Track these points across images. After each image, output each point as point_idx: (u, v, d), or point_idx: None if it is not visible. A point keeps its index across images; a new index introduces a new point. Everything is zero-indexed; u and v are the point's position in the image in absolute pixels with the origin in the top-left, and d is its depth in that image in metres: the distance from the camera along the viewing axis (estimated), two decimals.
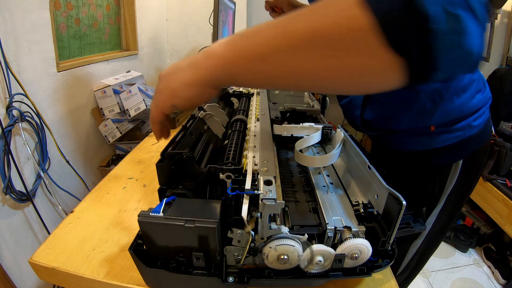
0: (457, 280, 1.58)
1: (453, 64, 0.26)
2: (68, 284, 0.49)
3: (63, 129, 1.36)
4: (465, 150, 0.64)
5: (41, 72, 1.21)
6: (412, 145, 0.66)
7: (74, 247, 0.52)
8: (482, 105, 0.63)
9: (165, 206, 0.39)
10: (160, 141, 0.46)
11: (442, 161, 0.66)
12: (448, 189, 0.67)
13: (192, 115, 0.64)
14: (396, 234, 0.39)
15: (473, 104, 0.61)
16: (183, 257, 0.40)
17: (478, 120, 0.62)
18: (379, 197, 0.42)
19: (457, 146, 0.63)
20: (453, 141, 0.62)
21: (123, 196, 0.67)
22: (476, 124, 0.62)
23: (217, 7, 1.28)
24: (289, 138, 0.68)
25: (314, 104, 0.89)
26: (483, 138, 0.65)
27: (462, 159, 0.64)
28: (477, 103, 0.61)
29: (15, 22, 1.07)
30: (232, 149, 0.53)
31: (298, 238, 0.38)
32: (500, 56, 2.55)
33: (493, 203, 1.53)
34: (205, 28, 2.30)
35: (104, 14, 1.70)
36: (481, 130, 0.63)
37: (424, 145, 0.64)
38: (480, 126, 0.63)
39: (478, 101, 0.61)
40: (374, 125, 0.71)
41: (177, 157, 0.44)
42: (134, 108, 1.56)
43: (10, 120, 1.04)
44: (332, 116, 1.47)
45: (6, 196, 1.05)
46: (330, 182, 0.54)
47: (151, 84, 2.05)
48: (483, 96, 0.63)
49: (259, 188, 0.39)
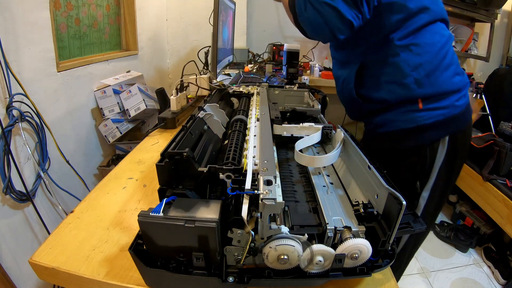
0: (457, 280, 1.58)
1: (313, 33, 0.70)
2: (68, 284, 0.49)
3: (63, 129, 1.36)
4: (451, 127, 0.74)
5: (41, 72, 1.21)
6: (403, 124, 0.74)
7: (74, 247, 0.52)
8: (462, 86, 0.74)
9: (165, 206, 0.39)
10: (160, 141, 0.46)
11: (430, 137, 0.74)
12: (438, 163, 0.75)
13: (192, 115, 0.64)
14: (396, 234, 0.39)
15: (454, 83, 0.72)
16: (183, 257, 0.40)
17: (460, 101, 0.73)
18: (379, 197, 0.42)
19: (443, 123, 0.72)
20: (440, 118, 0.72)
21: (123, 196, 0.67)
22: (459, 104, 0.73)
23: (217, 7, 1.28)
24: (289, 138, 0.68)
25: (314, 104, 0.89)
26: (466, 119, 0.77)
27: (448, 136, 0.74)
28: (458, 83, 0.73)
29: (15, 22, 1.07)
30: (232, 149, 0.53)
31: (298, 238, 0.38)
32: (500, 56, 2.55)
33: (493, 203, 1.53)
34: (205, 28, 2.30)
35: (104, 14, 1.70)
36: (463, 111, 0.74)
37: (414, 122, 0.73)
38: (462, 107, 0.74)
39: (458, 82, 0.73)
40: (367, 95, 0.78)
41: (177, 157, 0.44)
42: (134, 108, 1.56)
43: (10, 120, 1.04)
44: (332, 116, 1.47)
45: (6, 196, 1.05)
46: (330, 182, 0.54)
47: (151, 84, 2.05)
48: (462, 78, 0.75)
49: (259, 188, 0.39)
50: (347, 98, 0.84)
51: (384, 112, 0.77)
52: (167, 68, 2.53)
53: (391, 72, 0.72)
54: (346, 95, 0.83)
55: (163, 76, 2.47)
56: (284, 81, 1.40)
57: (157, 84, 2.26)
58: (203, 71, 1.42)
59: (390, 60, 0.72)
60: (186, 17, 2.41)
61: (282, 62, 1.99)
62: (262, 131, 0.60)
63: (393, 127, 0.76)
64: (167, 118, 1.01)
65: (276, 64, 2.06)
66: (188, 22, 2.42)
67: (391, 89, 0.73)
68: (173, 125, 1.02)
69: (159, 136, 0.98)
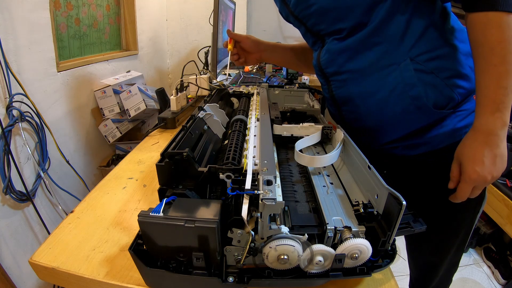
0: (457, 280, 1.58)
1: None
2: (68, 284, 0.49)
3: (63, 129, 1.36)
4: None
5: (41, 72, 1.21)
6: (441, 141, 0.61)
7: (74, 247, 0.52)
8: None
9: (165, 206, 0.39)
10: (160, 141, 0.46)
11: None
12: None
13: (192, 115, 0.64)
14: (396, 234, 0.39)
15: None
16: (183, 257, 0.40)
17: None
18: (379, 197, 0.42)
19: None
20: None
21: (123, 196, 0.67)
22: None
23: (217, 7, 1.28)
24: (289, 138, 0.68)
25: (314, 104, 0.89)
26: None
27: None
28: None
29: (15, 22, 1.07)
30: (232, 149, 0.53)
31: (298, 238, 0.38)
32: None
33: (493, 203, 1.52)
34: (205, 28, 2.30)
35: (104, 14, 1.70)
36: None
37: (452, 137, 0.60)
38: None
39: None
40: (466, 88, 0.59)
41: (177, 157, 0.44)
42: (134, 108, 1.56)
43: (10, 120, 1.04)
44: None
45: (6, 196, 1.05)
46: (330, 182, 0.54)
47: (151, 84, 2.05)
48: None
49: (259, 188, 0.39)
50: (401, 114, 0.60)
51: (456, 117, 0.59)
52: (167, 68, 2.53)
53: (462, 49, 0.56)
54: (400, 110, 0.60)
55: (163, 76, 2.47)
56: (284, 81, 1.41)
57: (157, 84, 2.27)
58: (203, 71, 1.42)
59: (457, 27, 0.56)
60: (186, 17, 2.41)
61: None
62: (262, 131, 0.60)
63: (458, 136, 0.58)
64: (167, 118, 1.01)
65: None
66: (188, 22, 2.42)
67: (472, 75, 0.55)
68: (173, 125, 1.02)
69: (159, 136, 0.98)
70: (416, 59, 0.57)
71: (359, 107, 0.64)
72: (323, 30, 0.64)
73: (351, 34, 0.59)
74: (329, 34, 0.63)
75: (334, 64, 0.64)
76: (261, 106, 0.77)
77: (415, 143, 0.63)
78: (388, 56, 0.58)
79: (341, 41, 0.61)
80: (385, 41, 0.58)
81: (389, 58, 0.58)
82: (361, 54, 0.60)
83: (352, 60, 0.61)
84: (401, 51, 0.57)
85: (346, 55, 0.62)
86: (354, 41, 0.59)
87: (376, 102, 0.61)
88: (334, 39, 0.63)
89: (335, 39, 0.62)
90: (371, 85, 0.61)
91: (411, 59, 0.57)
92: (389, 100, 0.60)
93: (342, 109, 0.69)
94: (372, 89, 0.61)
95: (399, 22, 0.56)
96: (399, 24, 0.56)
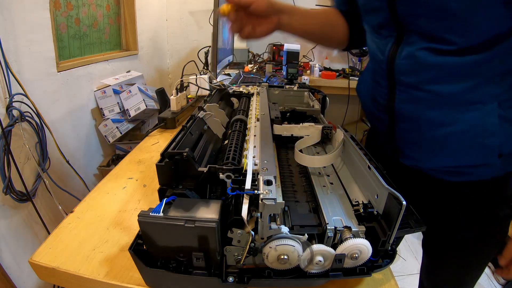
0: None
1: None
2: (68, 284, 0.49)
3: (63, 129, 1.36)
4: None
5: (41, 72, 1.21)
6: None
7: (74, 247, 0.52)
8: None
9: (165, 206, 0.39)
10: (160, 141, 0.46)
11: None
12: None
13: (192, 115, 0.64)
14: (396, 234, 0.39)
15: None
16: (183, 257, 0.40)
17: None
18: (379, 197, 0.42)
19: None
20: None
21: (123, 196, 0.67)
22: None
23: (217, 7, 1.28)
24: (289, 138, 0.68)
25: (314, 104, 0.89)
26: None
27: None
28: None
29: (15, 22, 1.07)
30: (232, 149, 0.53)
31: (298, 238, 0.38)
32: None
33: None
34: (205, 28, 2.30)
35: (104, 14, 1.70)
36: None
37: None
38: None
39: None
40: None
41: (177, 157, 0.44)
42: (134, 108, 1.56)
43: (10, 120, 1.04)
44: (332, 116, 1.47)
45: (6, 196, 1.05)
46: (330, 182, 0.54)
47: (151, 84, 2.05)
48: None
49: (259, 188, 0.39)
50: (462, 156, 0.54)
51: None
52: (167, 68, 2.53)
53: None
54: (464, 153, 0.53)
55: (163, 76, 2.47)
56: (284, 81, 1.41)
57: (157, 84, 2.27)
58: (203, 71, 1.42)
59: None
60: (186, 17, 2.41)
61: (282, 62, 1.99)
62: (262, 131, 0.60)
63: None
64: (167, 118, 1.02)
65: (276, 64, 2.06)
66: (188, 22, 2.42)
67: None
68: (173, 125, 1.02)
69: (159, 136, 0.98)
70: (504, 105, 0.49)
71: (422, 133, 0.55)
72: (425, 30, 0.49)
73: (456, 53, 0.47)
74: (427, 37, 0.49)
75: (415, 76, 0.52)
76: (261, 106, 0.77)
77: (459, 171, 0.57)
78: (478, 92, 0.49)
79: (438, 55, 0.48)
80: (485, 75, 0.48)
81: (477, 95, 0.49)
82: (454, 80, 0.49)
83: (440, 81, 0.50)
84: (493, 92, 0.49)
85: (437, 73, 0.50)
86: (456, 63, 0.48)
87: (443, 135, 0.53)
88: (429, 48, 0.49)
89: (431, 49, 0.49)
90: (446, 116, 0.52)
91: (499, 103, 0.49)
92: (459, 138, 0.52)
93: (398, 125, 0.59)
94: (445, 120, 0.52)
95: (510, 62, 0.48)
96: (509, 64, 0.48)
